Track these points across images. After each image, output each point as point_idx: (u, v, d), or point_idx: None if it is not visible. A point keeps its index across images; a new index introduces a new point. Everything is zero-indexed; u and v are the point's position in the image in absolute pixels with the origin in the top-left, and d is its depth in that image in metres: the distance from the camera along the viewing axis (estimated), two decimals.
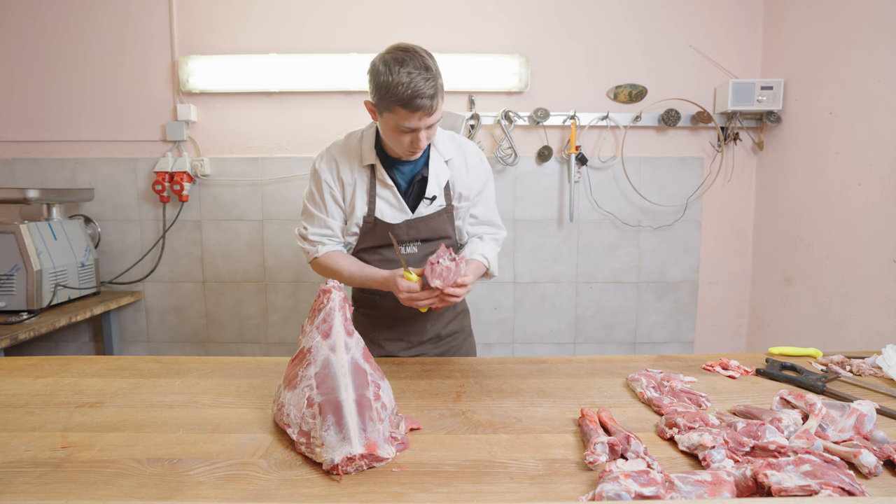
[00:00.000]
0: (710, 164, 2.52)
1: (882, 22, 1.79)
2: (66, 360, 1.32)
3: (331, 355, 0.91)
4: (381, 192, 1.36)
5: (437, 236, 1.41)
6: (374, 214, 1.36)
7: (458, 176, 1.40)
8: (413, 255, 1.41)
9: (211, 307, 2.60)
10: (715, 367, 1.26)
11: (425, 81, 1.13)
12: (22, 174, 2.53)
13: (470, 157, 1.43)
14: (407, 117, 1.17)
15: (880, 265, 1.79)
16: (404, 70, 1.13)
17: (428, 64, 1.16)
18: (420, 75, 1.13)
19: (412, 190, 1.38)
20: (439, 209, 1.39)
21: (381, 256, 1.42)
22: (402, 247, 1.39)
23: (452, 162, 1.40)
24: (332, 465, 0.78)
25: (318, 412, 0.84)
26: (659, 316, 2.61)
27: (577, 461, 0.83)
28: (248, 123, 2.51)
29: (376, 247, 1.40)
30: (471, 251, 1.41)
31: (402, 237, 1.37)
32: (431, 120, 1.20)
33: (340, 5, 2.43)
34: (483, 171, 1.45)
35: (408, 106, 1.15)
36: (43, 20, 2.46)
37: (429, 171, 1.36)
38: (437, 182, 1.37)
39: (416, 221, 1.37)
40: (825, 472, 0.70)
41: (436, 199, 1.37)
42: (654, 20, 2.46)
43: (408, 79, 1.13)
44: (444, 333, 1.52)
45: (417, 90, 1.13)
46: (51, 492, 0.74)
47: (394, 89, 1.14)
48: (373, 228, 1.37)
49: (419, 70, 1.14)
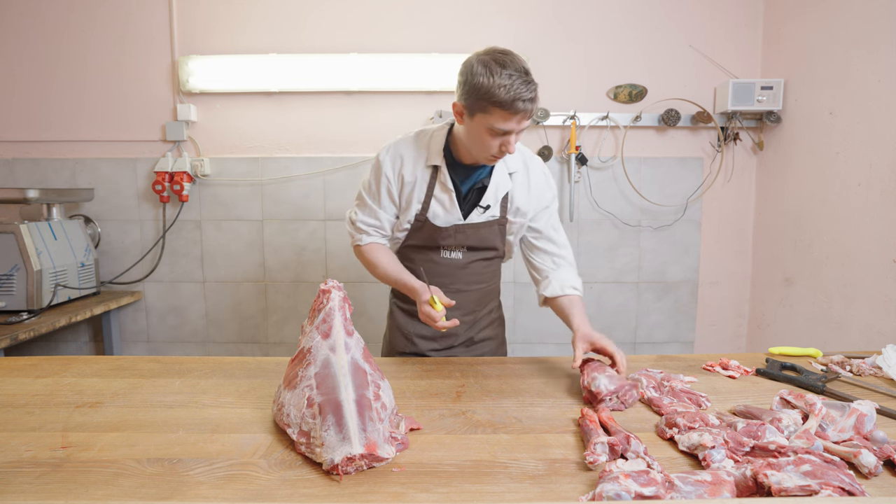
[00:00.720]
0: (710, 164, 2.52)
1: (882, 22, 1.79)
2: (66, 360, 1.32)
3: (331, 355, 0.91)
4: (438, 194, 1.35)
5: (484, 246, 1.39)
6: (427, 215, 1.36)
7: (519, 190, 1.38)
8: (457, 261, 1.40)
9: (211, 307, 2.60)
10: (715, 367, 1.26)
11: (527, 85, 1.14)
12: (22, 174, 2.53)
13: (533, 174, 1.41)
14: (505, 119, 1.16)
15: (880, 265, 1.79)
16: (506, 72, 1.13)
17: (527, 68, 1.16)
18: (521, 78, 1.13)
19: (470, 197, 1.37)
20: (491, 219, 1.37)
21: (425, 256, 1.41)
22: (448, 251, 1.40)
23: (516, 175, 1.38)
24: (332, 466, 0.78)
25: (318, 412, 0.84)
26: (659, 316, 2.61)
27: (577, 461, 0.83)
28: (248, 123, 2.51)
29: (422, 247, 1.41)
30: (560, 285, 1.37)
31: (448, 241, 1.37)
32: (526, 124, 1.20)
33: (340, 5, 2.43)
34: (548, 188, 1.43)
35: (508, 108, 1.14)
36: (43, 20, 2.46)
37: (490, 181, 1.35)
38: (495, 192, 1.35)
39: (465, 227, 1.36)
40: (825, 472, 0.70)
41: (489, 208, 1.36)
42: (654, 20, 2.46)
43: (509, 81, 1.12)
44: (477, 339, 1.51)
45: (519, 93, 1.13)
46: (51, 492, 0.74)
47: (495, 91, 1.13)
48: (422, 228, 1.38)
49: (520, 73, 1.14)
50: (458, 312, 1.38)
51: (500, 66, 1.13)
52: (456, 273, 1.41)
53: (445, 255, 1.39)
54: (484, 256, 1.42)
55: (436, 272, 1.40)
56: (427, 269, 1.35)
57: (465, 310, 1.43)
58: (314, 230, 2.55)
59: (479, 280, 1.45)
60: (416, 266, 1.37)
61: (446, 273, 1.40)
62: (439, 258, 1.40)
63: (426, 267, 1.37)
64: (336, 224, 2.54)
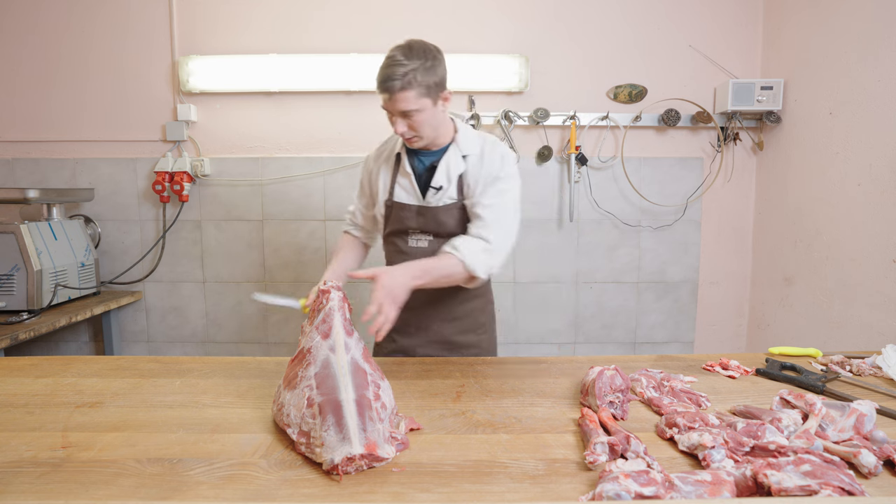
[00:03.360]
0: (710, 164, 2.52)
1: (882, 22, 1.79)
2: (66, 360, 1.32)
3: (330, 355, 0.91)
4: (400, 178, 1.44)
5: (445, 231, 1.40)
6: (393, 198, 1.44)
7: (473, 172, 1.39)
8: (423, 250, 1.42)
9: (211, 307, 2.60)
10: (715, 367, 1.26)
11: (398, 66, 1.22)
12: (22, 174, 2.53)
13: (488, 156, 1.38)
14: (382, 99, 1.27)
15: (880, 265, 1.79)
16: (389, 54, 1.25)
17: (412, 53, 1.24)
18: (397, 60, 1.23)
19: (424, 179, 1.43)
20: (450, 203, 1.40)
21: (394, 247, 1.48)
22: (415, 240, 1.44)
23: (470, 158, 1.40)
24: (332, 466, 0.78)
25: (318, 412, 0.84)
26: (659, 316, 2.61)
27: (577, 461, 0.83)
28: (249, 123, 2.51)
29: (394, 235, 1.47)
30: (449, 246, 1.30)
31: (411, 224, 1.42)
32: (399, 107, 1.25)
33: (341, 6, 2.43)
34: (499, 168, 1.36)
35: (380, 88, 1.25)
36: (43, 20, 2.46)
37: (440, 162, 1.40)
38: (446, 172, 1.39)
39: (426, 210, 1.40)
40: (825, 472, 0.70)
41: (443, 189, 1.39)
42: (654, 20, 2.46)
43: (386, 63, 1.24)
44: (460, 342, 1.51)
45: (388, 73, 1.22)
46: (51, 492, 0.74)
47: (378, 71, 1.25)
48: (391, 213, 1.45)
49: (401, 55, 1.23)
50: (423, 296, 1.35)
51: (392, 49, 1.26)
52: None
53: (413, 244, 1.44)
54: None
55: (405, 262, 1.38)
56: (397, 260, 1.44)
57: (433, 300, 1.47)
58: (314, 230, 2.55)
59: None
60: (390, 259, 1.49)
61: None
62: (407, 247, 1.45)
63: (397, 258, 1.45)
64: (336, 224, 2.54)
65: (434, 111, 1.31)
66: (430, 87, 1.27)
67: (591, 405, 1.01)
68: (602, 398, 1.00)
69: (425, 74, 1.25)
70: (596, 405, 0.99)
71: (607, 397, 1.01)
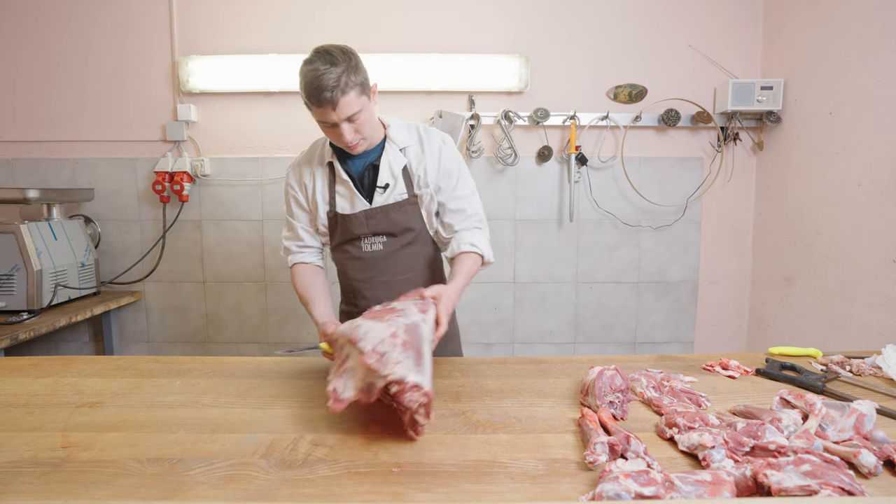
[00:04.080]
0: (710, 164, 2.52)
1: (882, 22, 1.79)
2: (66, 360, 1.32)
3: (421, 324, 0.98)
4: (338, 187, 1.38)
5: (401, 229, 1.38)
6: (335, 209, 1.38)
7: (416, 162, 1.37)
8: (378, 252, 1.40)
9: (211, 307, 2.60)
10: (715, 367, 1.26)
11: (327, 74, 1.14)
12: (22, 174, 2.53)
13: (427, 142, 1.39)
14: (320, 113, 1.20)
15: (880, 265, 1.79)
16: (310, 67, 1.16)
17: (335, 59, 1.16)
18: (323, 69, 1.15)
19: (367, 181, 1.38)
20: (401, 199, 1.37)
21: (347, 255, 1.43)
22: (368, 244, 1.40)
23: (409, 149, 1.38)
24: (400, 380, 0.84)
25: (402, 344, 0.90)
26: (659, 316, 2.61)
27: (577, 461, 0.83)
28: (249, 123, 2.51)
29: (344, 244, 1.42)
30: (458, 244, 1.35)
31: (362, 230, 1.38)
32: (344, 112, 1.19)
33: (341, 6, 2.43)
34: (446, 158, 1.38)
35: (314, 101, 1.18)
36: (43, 21, 2.46)
37: (380, 161, 1.36)
38: (388, 170, 1.36)
39: (375, 212, 1.36)
40: (825, 472, 0.70)
41: (389, 187, 1.36)
42: (654, 20, 2.46)
43: (311, 75, 1.16)
44: None
45: (319, 84, 1.15)
46: (51, 492, 0.74)
47: (304, 88, 1.18)
48: (336, 225, 1.40)
49: (324, 65, 1.15)
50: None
51: (306, 63, 1.17)
52: (380, 264, 1.41)
53: (367, 249, 1.40)
54: (405, 242, 1.41)
55: (361, 267, 1.42)
56: (352, 266, 1.41)
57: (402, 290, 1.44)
58: None
59: (406, 269, 1.43)
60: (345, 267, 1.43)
61: (370, 267, 1.41)
62: (361, 253, 1.41)
63: (352, 265, 1.42)
64: None
65: (370, 108, 1.28)
66: (362, 84, 1.22)
67: (591, 405, 1.02)
68: (602, 398, 1.00)
69: (355, 74, 1.20)
70: (596, 405, 0.99)
71: (607, 397, 1.01)
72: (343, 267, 1.46)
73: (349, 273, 1.45)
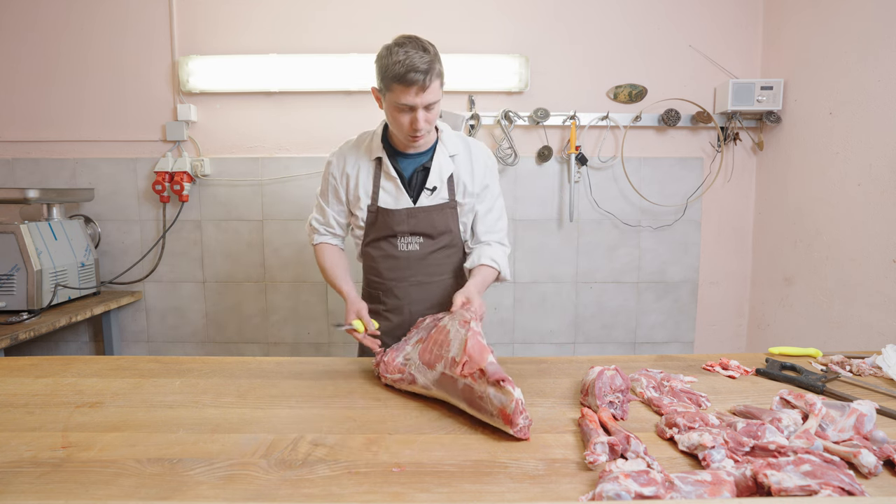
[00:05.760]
0: (710, 164, 2.52)
1: (882, 22, 1.79)
2: (66, 360, 1.32)
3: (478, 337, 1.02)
4: (384, 183, 1.41)
5: (438, 232, 1.42)
6: (378, 204, 1.41)
7: (463, 171, 1.43)
8: (414, 252, 1.42)
9: (211, 307, 2.60)
10: (715, 367, 1.26)
11: (420, 58, 1.20)
12: (22, 174, 2.53)
13: (475, 154, 1.45)
14: (403, 93, 1.22)
15: (880, 265, 1.79)
16: (402, 50, 1.21)
17: (426, 46, 1.23)
18: (416, 53, 1.20)
19: (415, 181, 1.41)
20: (442, 203, 1.41)
21: (382, 252, 1.45)
22: (405, 244, 1.42)
23: (458, 158, 1.43)
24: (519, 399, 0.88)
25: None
26: (659, 316, 2.61)
27: (577, 461, 0.83)
28: (249, 123, 2.51)
29: (381, 240, 1.44)
30: (478, 256, 1.43)
31: (402, 227, 1.40)
32: (428, 98, 1.24)
33: (341, 6, 2.43)
34: (489, 174, 1.46)
35: (403, 80, 1.20)
36: (43, 20, 2.46)
37: (432, 163, 1.40)
38: (438, 173, 1.40)
39: (417, 212, 1.39)
40: (825, 472, 0.70)
41: (436, 190, 1.40)
42: (654, 20, 2.46)
43: (404, 56, 1.19)
44: None
45: (412, 65, 1.19)
46: (51, 492, 0.74)
47: (392, 67, 1.21)
48: (376, 220, 1.42)
49: (416, 50, 1.21)
50: (422, 305, 1.45)
51: (398, 45, 1.22)
52: (415, 265, 1.44)
53: (403, 248, 1.43)
54: (442, 245, 1.44)
55: (396, 266, 1.44)
56: (386, 264, 1.44)
57: (429, 302, 1.46)
58: None
59: (440, 271, 1.47)
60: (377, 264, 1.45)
61: (405, 266, 1.44)
62: (397, 252, 1.43)
63: (385, 263, 1.44)
64: None
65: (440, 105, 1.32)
66: (442, 78, 1.28)
67: (591, 405, 1.02)
68: (602, 398, 1.00)
69: (441, 66, 1.26)
70: (596, 405, 0.99)
71: (607, 397, 1.01)
72: (375, 264, 1.47)
73: (382, 271, 1.46)
